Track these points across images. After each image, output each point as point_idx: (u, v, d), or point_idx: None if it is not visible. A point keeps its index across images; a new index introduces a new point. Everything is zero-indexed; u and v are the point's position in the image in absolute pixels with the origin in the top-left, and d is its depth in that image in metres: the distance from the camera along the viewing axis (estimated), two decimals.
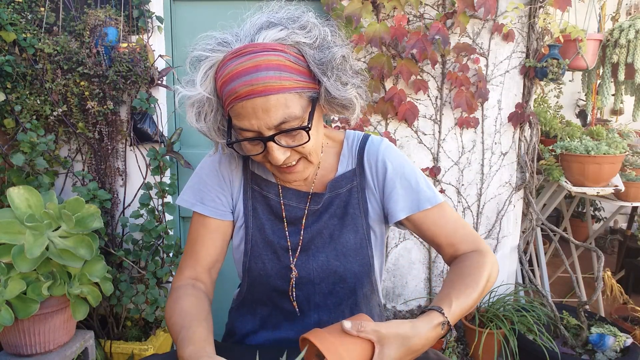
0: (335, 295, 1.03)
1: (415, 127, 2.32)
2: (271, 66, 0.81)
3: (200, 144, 2.35)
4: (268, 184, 1.04)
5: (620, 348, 2.07)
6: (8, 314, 1.59)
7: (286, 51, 0.83)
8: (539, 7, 2.18)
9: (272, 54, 0.82)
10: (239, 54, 0.82)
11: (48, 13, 2.11)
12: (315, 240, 1.02)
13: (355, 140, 1.06)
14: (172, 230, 2.26)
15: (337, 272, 1.00)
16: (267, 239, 1.02)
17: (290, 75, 0.82)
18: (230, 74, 0.82)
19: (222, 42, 0.87)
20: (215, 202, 1.05)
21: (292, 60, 0.83)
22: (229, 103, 0.84)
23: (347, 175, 1.03)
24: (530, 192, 2.38)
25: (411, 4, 2.14)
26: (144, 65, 2.09)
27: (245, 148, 0.91)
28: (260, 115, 0.82)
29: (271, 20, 0.86)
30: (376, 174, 1.02)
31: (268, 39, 0.83)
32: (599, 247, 2.98)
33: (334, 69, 0.86)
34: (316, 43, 0.85)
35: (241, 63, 0.81)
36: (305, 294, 1.03)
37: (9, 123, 2.09)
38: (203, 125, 0.92)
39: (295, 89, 0.83)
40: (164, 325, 2.13)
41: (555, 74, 2.14)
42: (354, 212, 1.02)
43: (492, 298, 2.33)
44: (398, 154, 1.04)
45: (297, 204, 1.03)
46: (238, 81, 0.81)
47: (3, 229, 1.63)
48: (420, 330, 0.78)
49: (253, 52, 0.82)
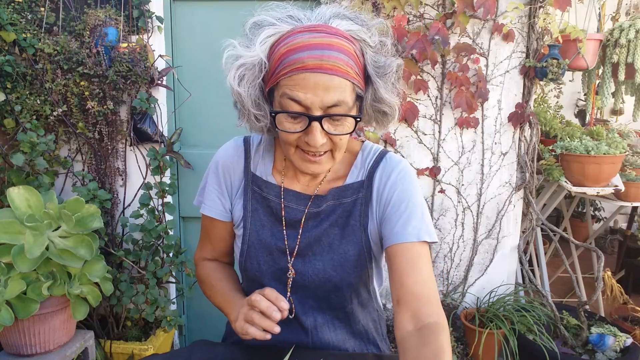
0: (330, 301, 1.03)
1: (415, 127, 2.32)
2: (343, 50, 0.83)
3: (200, 144, 2.35)
4: (269, 185, 1.04)
5: (620, 348, 2.07)
6: (8, 314, 1.59)
7: (354, 43, 0.86)
8: (539, 7, 2.18)
9: (344, 40, 0.84)
10: (312, 29, 0.84)
11: (48, 13, 2.11)
12: (313, 246, 1.01)
13: (371, 153, 1.04)
14: (172, 230, 2.26)
15: (333, 281, 0.99)
16: (265, 240, 1.02)
17: (355, 65, 0.85)
18: (300, 44, 0.83)
19: (293, 16, 0.88)
20: (215, 203, 1.07)
21: (357, 54, 0.87)
22: (290, 72, 0.83)
23: (354, 186, 1.02)
24: (530, 192, 2.38)
25: (411, 4, 2.14)
26: (144, 65, 2.09)
27: (282, 124, 0.87)
28: (319, 92, 0.82)
29: (345, 13, 0.89)
30: (382, 191, 0.99)
31: (341, 27, 0.86)
32: (599, 247, 2.98)
33: (387, 75, 0.90)
34: (377, 47, 0.89)
35: (314, 37, 0.83)
36: (299, 296, 1.03)
37: (9, 123, 2.09)
38: (243, 89, 0.89)
39: (354, 80, 0.85)
40: (164, 325, 2.13)
41: (555, 74, 2.14)
42: (354, 224, 1.00)
43: (492, 298, 2.33)
44: (413, 179, 1.00)
45: (297, 205, 1.02)
46: (308, 52, 0.82)
47: (3, 229, 1.63)
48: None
49: (327, 32, 0.84)
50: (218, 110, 2.30)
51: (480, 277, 2.45)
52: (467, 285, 2.46)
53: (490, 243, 2.42)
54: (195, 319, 2.52)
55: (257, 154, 1.07)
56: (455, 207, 2.38)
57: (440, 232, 2.41)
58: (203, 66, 2.27)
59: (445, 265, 2.44)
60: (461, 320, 2.30)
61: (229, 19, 2.24)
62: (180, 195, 2.38)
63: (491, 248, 2.42)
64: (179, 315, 2.20)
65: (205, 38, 2.25)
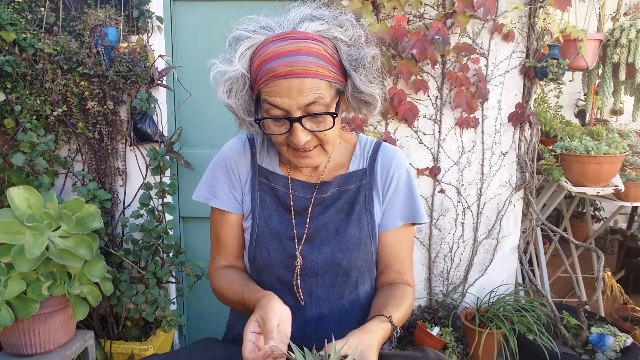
0: (338, 288, 1.06)
1: (415, 127, 2.32)
2: (311, 52, 0.88)
3: (200, 144, 2.35)
4: (276, 176, 1.09)
5: (620, 348, 2.07)
6: (8, 314, 1.59)
7: (324, 43, 0.91)
8: (539, 7, 2.18)
9: (312, 42, 0.89)
10: (281, 38, 0.89)
11: (48, 13, 2.11)
12: (320, 232, 1.05)
13: (368, 143, 1.13)
14: (172, 230, 2.26)
15: (341, 265, 1.03)
16: (274, 229, 1.06)
17: (326, 64, 0.90)
18: (271, 54, 0.89)
19: (265, 26, 0.93)
20: (228, 196, 1.10)
21: (329, 52, 0.91)
22: (265, 80, 0.89)
23: (357, 173, 1.09)
24: (530, 192, 2.38)
25: (411, 4, 2.14)
26: (144, 65, 2.09)
27: (269, 128, 0.95)
28: (293, 95, 0.88)
29: (314, 14, 0.94)
30: (386, 178, 1.09)
31: (310, 29, 0.91)
32: (599, 247, 2.98)
33: (364, 66, 0.94)
34: (351, 41, 0.93)
35: (283, 45, 0.88)
36: (307, 285, 1.05)
37: (9, 123, 2.09)
38: (233, 101, 0.97)
39: (328, 78, 0.90)
40: (164, 325, 2.13)
41: (555, 74, 2.14)
42: (360, 209, 1.07)
43: (492, 298, 2.33)
44: (409, 167, 1.13)
45: (304, 194, 1.07)
46: (278, 61, 0.88)
47: (3, 229, 1.63)
48: (379, 335, 0.88)
49: (295, 37, 0.89)
50: (218, 110, 2.30)
51: (480, 277, 2.45)
52: (467, 285, 2.46)
53: (490, 243, 2.42)
54: (195, 319, 2.52)
55: (262, 149, 1.12)
56: (455, 207, 2.38)
57: (440, 232, 2.41)
58: (203, 66, 2.24)
59: (445, 265, 2.44)
60: (461, 320, 2.30)
61: (229, 19, 2.22)
62: (180, 195, 2.38)
63: (491, 248, 2.42)
64: (179, 315, 2.20)
65: (205, 38, 2.25)
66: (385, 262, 1.10)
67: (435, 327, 2.22)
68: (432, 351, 1.00)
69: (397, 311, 0.97)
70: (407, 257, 1.11)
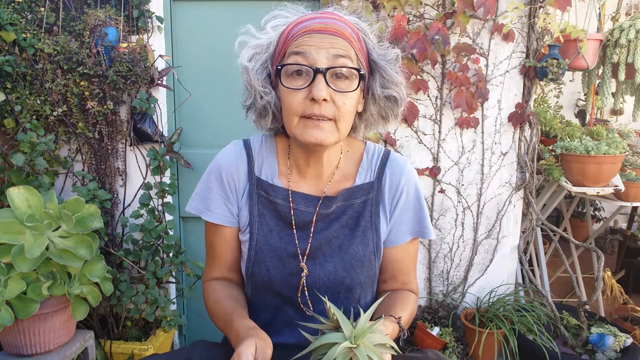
0: (340, 304, 1.03)
1: (415, 127, 2.32)
2: (348, 26, 0.93)
3: (200, 143, 2.35)
4: (275, 189, 1.04)
5: (620, 348, 2.07)
6: (8, 314, 1.59)
7: (357, 32, 0.96)
8: (539, 7, 2.18)
9: (348, 25, 0.95)
10: (318, 16, 0.94)
11: (48, 13, 2.11)
12: (323, 248, 1.01)
13: (375, 154, 1.09)
14: (172, 230, 2.26)
15: (344, 282, 1.01)
16: (274, 245, 1.02)
17: (357, 43, 0.94)
18: (307, 17, 0.94)
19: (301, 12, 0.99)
20: (222, 209, 1.05)
21: (361, 38, 0.96)
22: (297, 36, 0.92)
23: (364, 187, 1.04)
24: (530, 192, 2.38)
25: (411, 4, 2.14)
26: (144, 65, 2.09)
27: (289, 83, 0.92)
28: (324, 45, 0.90)
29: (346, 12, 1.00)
30: (395, 193, 1.05)
31: (345, 17, 0.96)
32: (599, 247, 2.98)
33: (390, 61, 0.99)
34: (376, 40, 0.99)
35: (321, 16, 0.94)
36: (309, 300, 1.03)
37: (9, 123, 2.09)
38: (252, 65, 0.97)
39: (357, 51, 0.93)
40: (164, 325, 2.13)
41: (555, 74, 2.14)
42: (365, 225, 1.02)
43: (492, 298, 2.33)
44: (417, 179, 1.10)
45: (306, 207, 1.02)
46: (314, 20, 0.92)
47: (3, 229, 1.63)
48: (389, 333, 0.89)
49: (332, 17, 0.94)
50: (218, 110, 2.30)
51: (480, 277, 2.45)
52: (467, 285, 2.46)
53: (490, 243, 2.42)
54: (195, 319, 2.52)
55: (259, 157, 1.06)
56: (455, 207, 2.38)
57: (440, 232, 2.41)
58: (203, 66, 2.27)
59: (445, 265, 2.44)
60: (461, 320, 2.30)
61: (229, 19, 2.24)
62: (180, 195, 2.38)
63: (491, 248, 2.42)
64: (179, 315, 2.20)
65: (205, 38, 2.25)
66: (390, 274, 1.08)
67: (435, 327, 2.22)
68: (432, 351, 1.00)
69: (404, 314, 0.97)
70: (412, 269, 1.10)
